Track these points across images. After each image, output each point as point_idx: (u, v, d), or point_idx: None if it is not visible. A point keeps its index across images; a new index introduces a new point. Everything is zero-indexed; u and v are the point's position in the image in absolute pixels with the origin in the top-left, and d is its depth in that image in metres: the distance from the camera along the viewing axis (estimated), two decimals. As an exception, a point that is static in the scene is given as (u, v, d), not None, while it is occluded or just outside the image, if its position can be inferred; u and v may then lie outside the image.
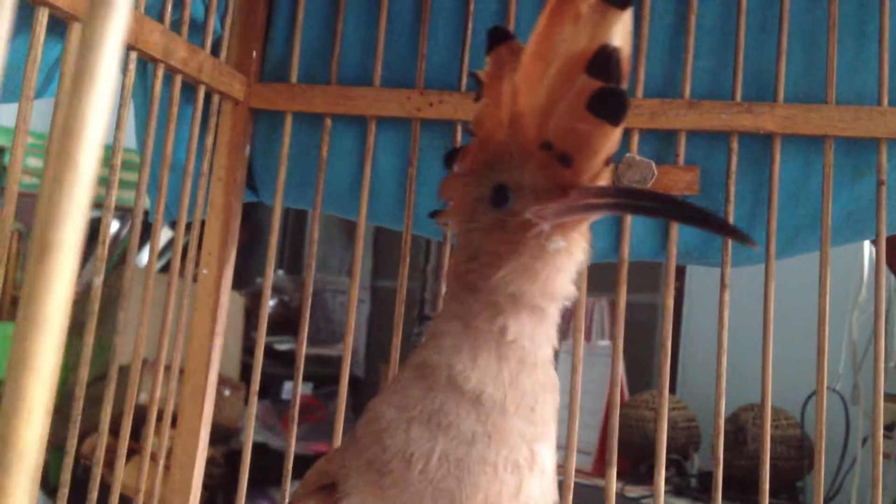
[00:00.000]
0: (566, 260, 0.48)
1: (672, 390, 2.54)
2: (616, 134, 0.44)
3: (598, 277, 0.93)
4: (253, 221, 2.87)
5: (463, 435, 0.46)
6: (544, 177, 0.46)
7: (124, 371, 0.83)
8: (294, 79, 0.95)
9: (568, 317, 3.01)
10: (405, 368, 0.51)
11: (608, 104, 0.42)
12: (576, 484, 0.86)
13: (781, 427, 1.98)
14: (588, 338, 2.71)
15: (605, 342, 2.54)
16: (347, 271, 3.62)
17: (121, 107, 0.78)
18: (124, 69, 0.78)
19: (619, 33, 0.42)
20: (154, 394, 0.85)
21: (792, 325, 0.85)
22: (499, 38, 0.49)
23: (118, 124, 0.78)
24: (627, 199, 0.46)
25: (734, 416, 2.01)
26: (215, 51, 0.91)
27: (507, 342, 0.48)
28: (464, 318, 0.49)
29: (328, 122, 0.94)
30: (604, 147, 0.44)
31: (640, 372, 2.46)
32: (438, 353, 0.49)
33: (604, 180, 0.46)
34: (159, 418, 0.86)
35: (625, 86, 0.43)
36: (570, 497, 0.84)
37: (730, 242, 0.84)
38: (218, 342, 0.92)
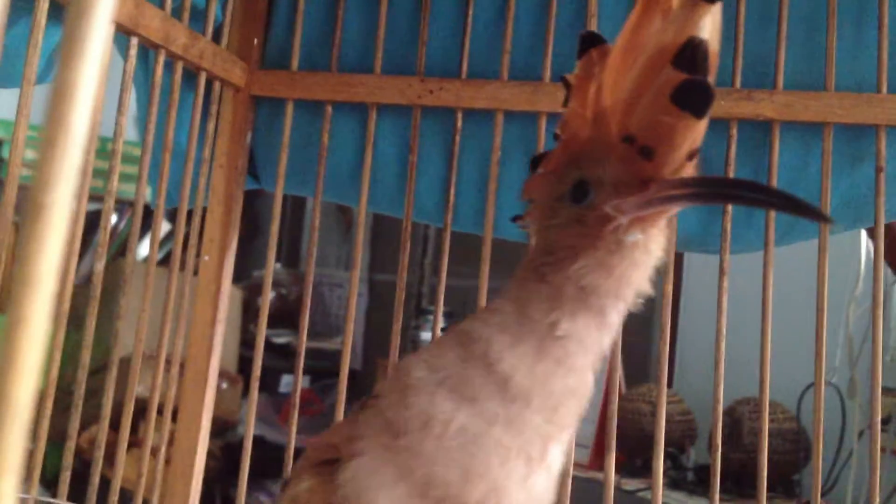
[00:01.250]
0: (643, 255, 0.47)
1: (669, 384, 2.55)
2: (700, 127, 0.44)
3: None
4: (250, 214, 2.88)
5: (485, 413, 0.46)
6: (625, 170, 0.46)
7: (122, 363, 0.83)
8: (295, 66, 0.96)
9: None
10: (448, 332, 0.50)
11: (693, 96, 0.42)
12: (573, 477, 0.86)
13: (777, 420, 1.99)
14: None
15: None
16: (345, 265, 3.63)
17: (122, 92, 0.79)
18: (125, 55, 0.79)
19: (708, 27, 0.42)
20: (155, 385, 0.85)
21: (787, 317, 0.86)
22: (591, 42, 0.50)
23: (120, 110, 0.78)
24: (711, 188, 0.46)
25: (731, 409, 2.01)
26: (216, 37, 0.91)
27: (554, 337, 0.47)
28: (521, 302, 0.48)
29: (329, 109, 0.94)
30: (686, 140, 0.44)
31: (637, 365, 2.46)
32: (483, 326, 0.48)
33: (686, 174, 0.46)
34: (158, 411, 0.86)
35: (712, 80, 0.43)
36: (570, 485, 0.84)
37: (729, 229, 0.84)
38: (220, 329, 0.92)
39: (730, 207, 0.84)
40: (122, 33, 0.74)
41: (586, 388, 0.48)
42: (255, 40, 0.96)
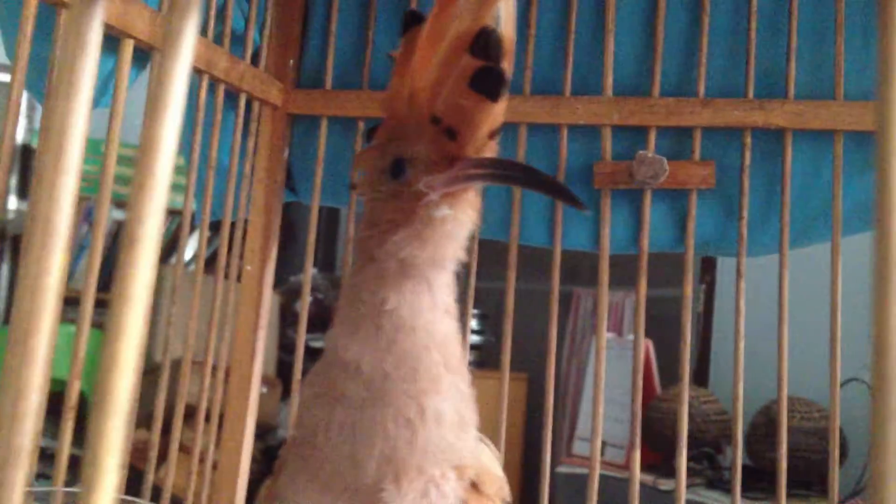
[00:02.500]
0: (454, 227, 0.52)
1: (704, 384, 2.55)
2: (497, 109, 0.48)
3: (628, 272, 0.96)
4: (285, 222, 2.91)
5: (352, 402, 0.51)
6: (434, 149, 0.50)
7: (159, 370, 0.87)
8: (328, 85, 1.01)
9: (593, 312, 2.99)
10: None
11: (488, 82, 0.46)
12: (608, 477, 0.89)
13: (813, 419, 1.99)
14: (619, 332, 2.72)
15: (636, 336, 2.55)
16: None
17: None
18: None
19: (502, 15, 0.46)
20: (203, 390, 0.89)
21: (823, 315, 0.87)
22: (413, 20, 0.53)
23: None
24: (502, 170, 0.51)
25: (766, 408, 2.02)
26: (255, 60, 0.96)
27: (386, 312, 0.52)
28: (355, 290, 0.54)
29: (361, 125, 0.99)
30: (485, 121, 0.49)
31: (674, 366, 2.47)
32: (333, 328, 0.54)
33: (489, 152, 0.51)
34: (193, 415, 0.90)
35: (506, 65, 0.47)
36: (596, 477, 0.87)
37: (745, 233, 0.87)
38: (262, 335, 0.97)
39: (745, 213, 0.87)
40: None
41: (442, 336, 0.53)
42: (291, 61, 1.01)
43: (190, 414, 0.90)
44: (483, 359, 2.89)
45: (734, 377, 0.87)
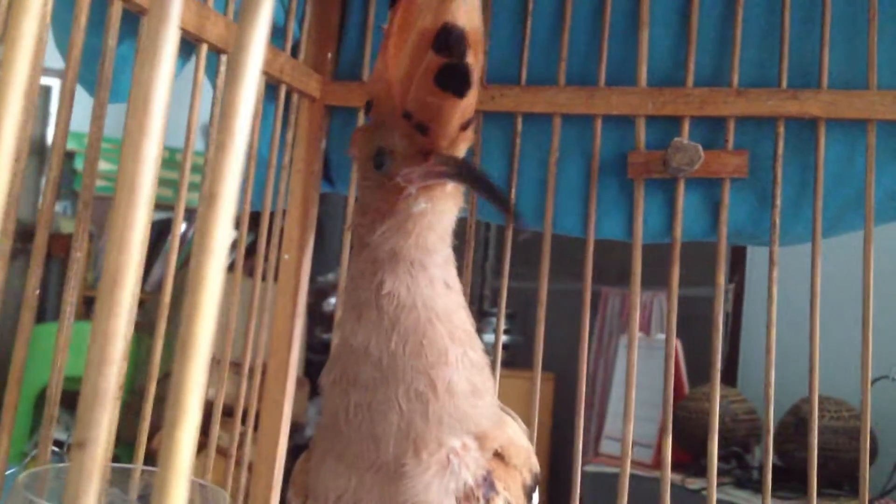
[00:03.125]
0: (433, 219, 0.52)
1: (733, 383, 2.55)
2: (464, 104, 0.48)
3: (656, 271, 0.97)
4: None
5: (365, 384, 0.53)
6: (408, 143, 0.51)
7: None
8: (366, 77, 1.02)
9: (624, 311, 3.02)
10: None
11: (452, 79, 0.47)
12: (636, 476, 0.89)
13: (843, 418, 1.98)
14: (647, 331, 2.73)
15: (664, 336, 2.55)
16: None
17: (192, 105, 0.80)
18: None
19: (462, 12, 0.46)
20: (241, 387, 0.90)
21: (855, 313, 0.87)
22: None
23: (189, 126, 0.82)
24: (455, 170, 0.51)
25: (796, 407, 2.01)
26: (294, 52, 0.98)
27: (385, 294, 0.53)
28: (355, 278, 0.55)
29: (397, 117, 1.00)
30: (453, 117, 0.49)
31: (701, 365, 2.47)
32: (340, 316, 0.57)
33: (464, 143, 0.52)
34: (227, 413, 0.90)
35: (471, 61, 0.47)
36: (626, 482, 0.88)
37: (777, 222, 0.88)
38: (299, 323, 0.99)
39: (778, 201, 0.88)
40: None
41: (444, 309, 0.54)
42: (329, 54, 1.03)
43: (224, 412, 0.89)
44: (510, 358, 2.90)
45: (766, 366, 0.88)
